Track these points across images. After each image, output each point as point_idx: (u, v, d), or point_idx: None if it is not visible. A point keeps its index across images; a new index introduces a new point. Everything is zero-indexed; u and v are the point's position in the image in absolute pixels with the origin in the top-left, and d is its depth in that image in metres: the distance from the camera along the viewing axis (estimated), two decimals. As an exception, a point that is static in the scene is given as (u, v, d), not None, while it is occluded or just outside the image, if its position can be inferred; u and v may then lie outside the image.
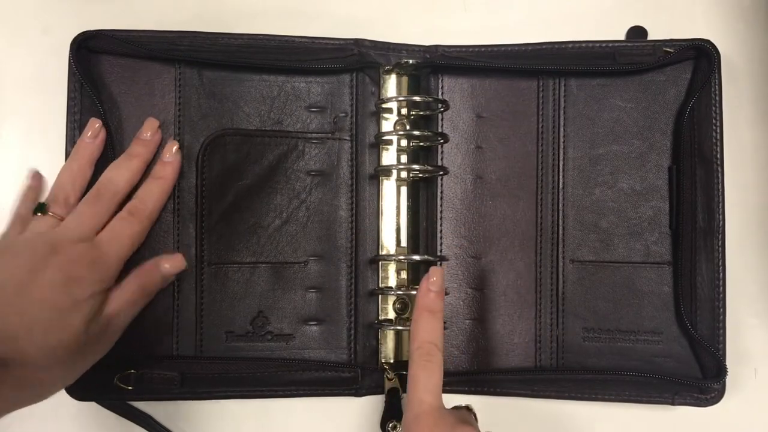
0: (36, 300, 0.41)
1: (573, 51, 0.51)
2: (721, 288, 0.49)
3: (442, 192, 0.51)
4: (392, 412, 0.50)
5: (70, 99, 0.48)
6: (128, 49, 0.48)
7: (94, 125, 0.47)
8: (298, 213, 0.50)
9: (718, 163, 0.49)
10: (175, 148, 0.48)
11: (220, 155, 0.49)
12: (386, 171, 0.50)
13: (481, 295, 0.51)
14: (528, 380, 0.50)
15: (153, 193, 0.47)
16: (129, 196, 0.47)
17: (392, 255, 0.50)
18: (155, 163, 0.48)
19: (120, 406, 0.50)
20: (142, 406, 0.50)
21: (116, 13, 0.52)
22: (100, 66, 0.48)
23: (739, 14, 0.54)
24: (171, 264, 0.47)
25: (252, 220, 0.49)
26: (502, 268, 0.51)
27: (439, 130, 0.51)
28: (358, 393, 0.50)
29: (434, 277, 0.44)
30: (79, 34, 0.47)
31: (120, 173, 0.47)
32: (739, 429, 0.53)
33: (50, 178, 0.50)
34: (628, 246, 0.50)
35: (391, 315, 0.51)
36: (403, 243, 0.51)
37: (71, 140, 0.48)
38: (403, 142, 0.51)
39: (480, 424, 0.43)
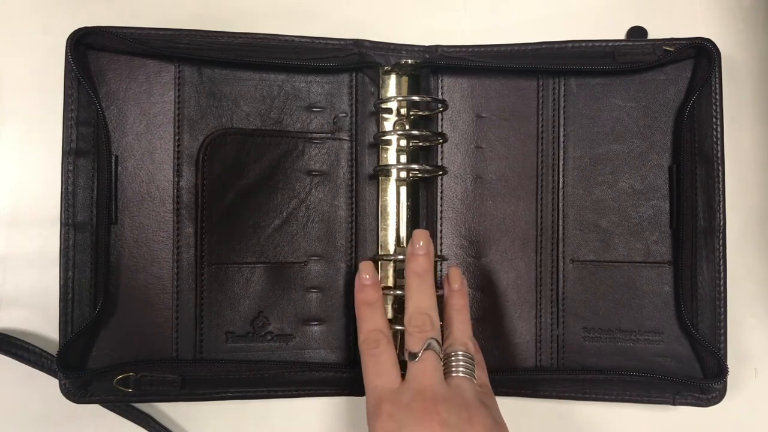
0: None
1: (573, 50, 0.51)
2: (721, 287, 0.49)
3: (442, 192, 0.51)
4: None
5: (67, 96, 0.47)
6: (127, 46, 0.48)
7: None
8: (297, 213, 0.50)
9: (719, 162, 0.49)
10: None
11: (220, 155, 0.49)
12: (386, 171, 0.50)
13: (481, 295, 0.50)
14: (528, 380, 0.50)
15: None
16: None
17: (392, 255, 0.50)
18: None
19: (120, 406, 0.50)
20: (141, 406, 0.50)
21: (116, 13, 0.52)
22: (98, 63, 0.48)
23: (739, 14, 0.54)
24: None
25: (252, 220, 0.49)
26: (502, 268, 0.51)
27: (439, 130, 0.51)
28: (358, 393, 0.50)
29: (365, 274, 0.46)
30: (77, 30, 0.46)
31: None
32: (740, 429, 0.53)
33: (49, 179, 0.50)
34: (628, 245, 0.50)
35: (390, 314, 0.50)
36: (403, 243, 0.51)
37: (68, 138, 0.47)
38: (403, 142, 0.51)
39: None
